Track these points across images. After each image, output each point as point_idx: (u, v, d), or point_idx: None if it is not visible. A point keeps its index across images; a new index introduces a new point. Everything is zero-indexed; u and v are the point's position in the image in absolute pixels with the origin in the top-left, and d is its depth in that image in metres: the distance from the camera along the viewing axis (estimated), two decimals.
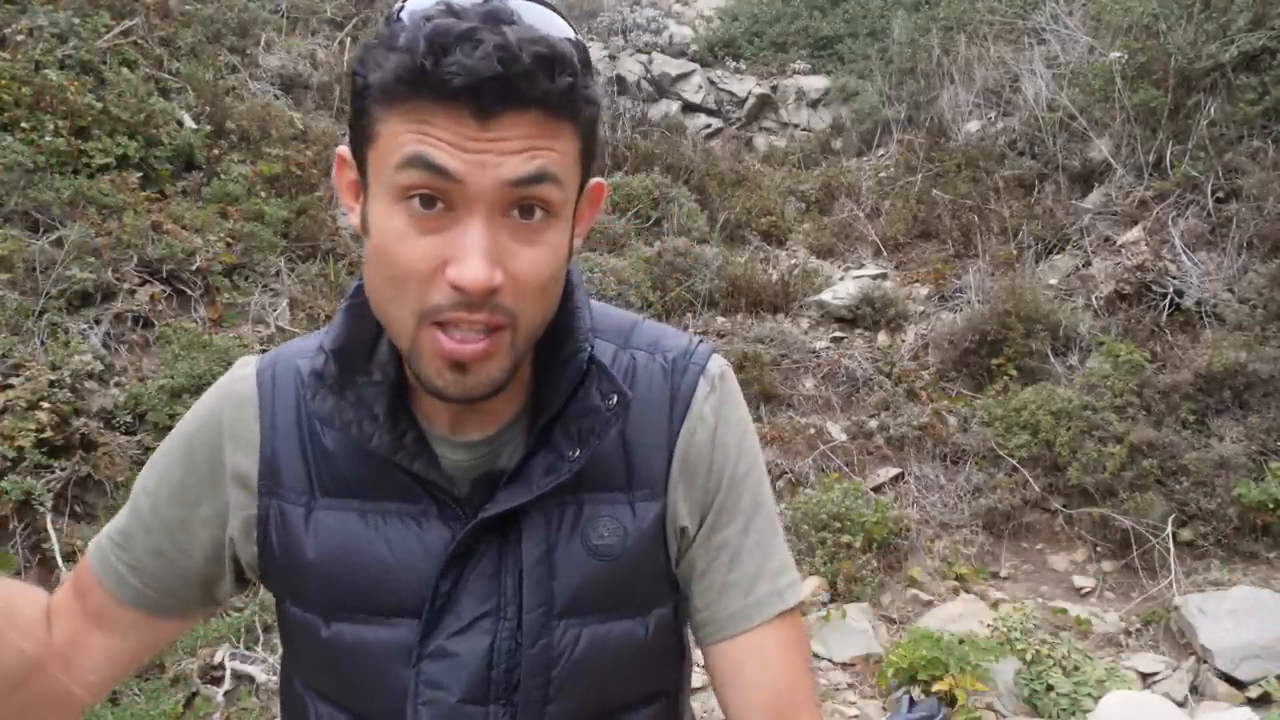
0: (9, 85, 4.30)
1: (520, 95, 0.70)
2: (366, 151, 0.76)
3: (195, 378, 3.73)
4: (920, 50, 7.70)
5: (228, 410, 0.88)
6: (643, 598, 0.91)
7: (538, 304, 0.77)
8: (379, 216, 0.75)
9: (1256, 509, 3.84)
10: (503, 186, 0.71)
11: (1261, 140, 5.20)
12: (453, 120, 0.70)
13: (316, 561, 0.85)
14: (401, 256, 0.73)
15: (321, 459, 0.86)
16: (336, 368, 0.82)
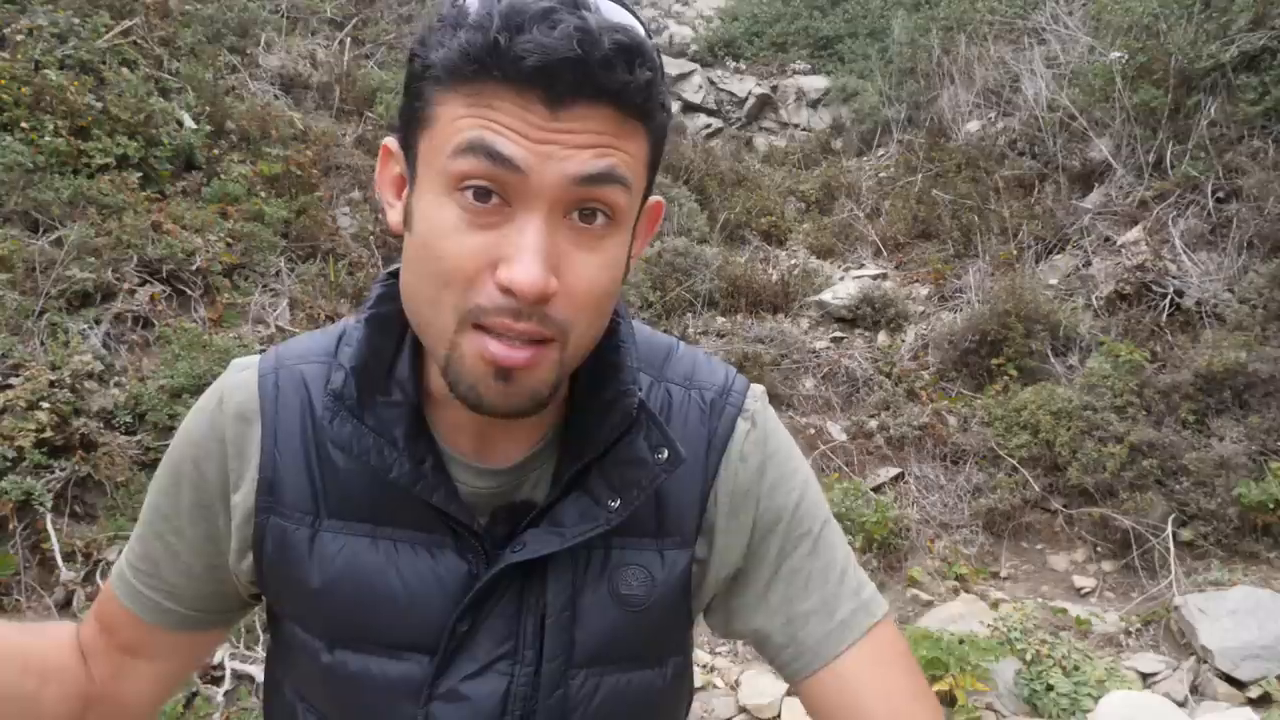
0: (9, 85, 4.30)
1: (596, 84, 0.64)
2: (418, 137, 0.70)
3: (195, 378, 3.73)
4: (920, 50, 7.70)
5: (229, 423, 0.82)
6: (663, 646, 0.87)
7: (591, 320, 0.71)
8: (427, 208, 0.69)
9: (1256, 509, 3.83)
10: (567, 183, 0.65)
11: (1261, 140, 5.20)
12: (520, 105, 0.64)
13: (321, 588, 0.79)
14: (448, 252, 0.67)
15: (329, 477, 0.80)
16: (356, 388, 0.76)
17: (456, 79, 0.66)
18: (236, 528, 0.82)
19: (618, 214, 0.69)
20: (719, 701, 3.25)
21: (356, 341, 0.78)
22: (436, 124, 0.67)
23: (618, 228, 0.70)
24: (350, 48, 6.58)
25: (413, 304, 0.73)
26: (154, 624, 0.86)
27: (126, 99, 4.65)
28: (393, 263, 0.83)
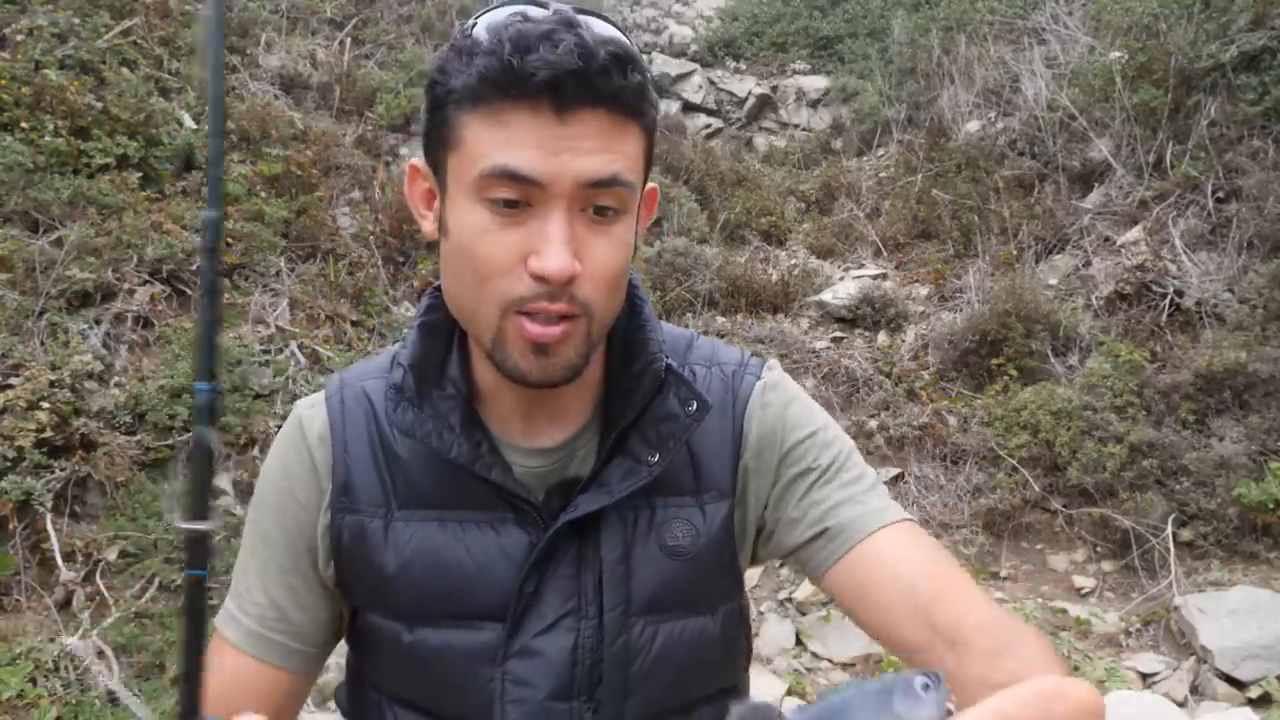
0: (9, 85, 4.30)
1: (596, 91, 0.74)
2: (446, 157, 0.80)
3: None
4: (920, 50, 7.70)
5: (315, 447, 0.91)
6: (713, 595, 0.94)
7: (609, 296, 0.81)
8: (461, 216, 0.79)
9: (1256, 509, 3.83)
10: (580, 186, 0.75)
11: (1261, 140, 5.20)
12: (533, 117, 0.74)
13: (397, 572, 0.88)
14: (485, 251, 0.77)
15: (397, 473, 0.89)
16: (414, 381, 0.86)
17: (477, 101, 0.75)
18: (321, 536, 0.91)
19: (624, 206, 0.80)
20: None
21: (411, 344, 0.89)
22: (464, 146, 0.77)
23: (624, 216, 0.80)
24: (350, 48, 6.58)
25: (456, 300, 0.83)
26: (288, 669, 0.93)
27: (126, 99, 4.65)
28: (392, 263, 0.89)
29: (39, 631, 3.06)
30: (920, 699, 0.41)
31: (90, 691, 2.91)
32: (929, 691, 0.41)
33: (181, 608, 0.77)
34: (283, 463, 0.93)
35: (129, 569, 3.32)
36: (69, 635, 3.04)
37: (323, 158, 5.38)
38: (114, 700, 2.92)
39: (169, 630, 3.17)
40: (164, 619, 3.22)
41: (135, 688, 2.97)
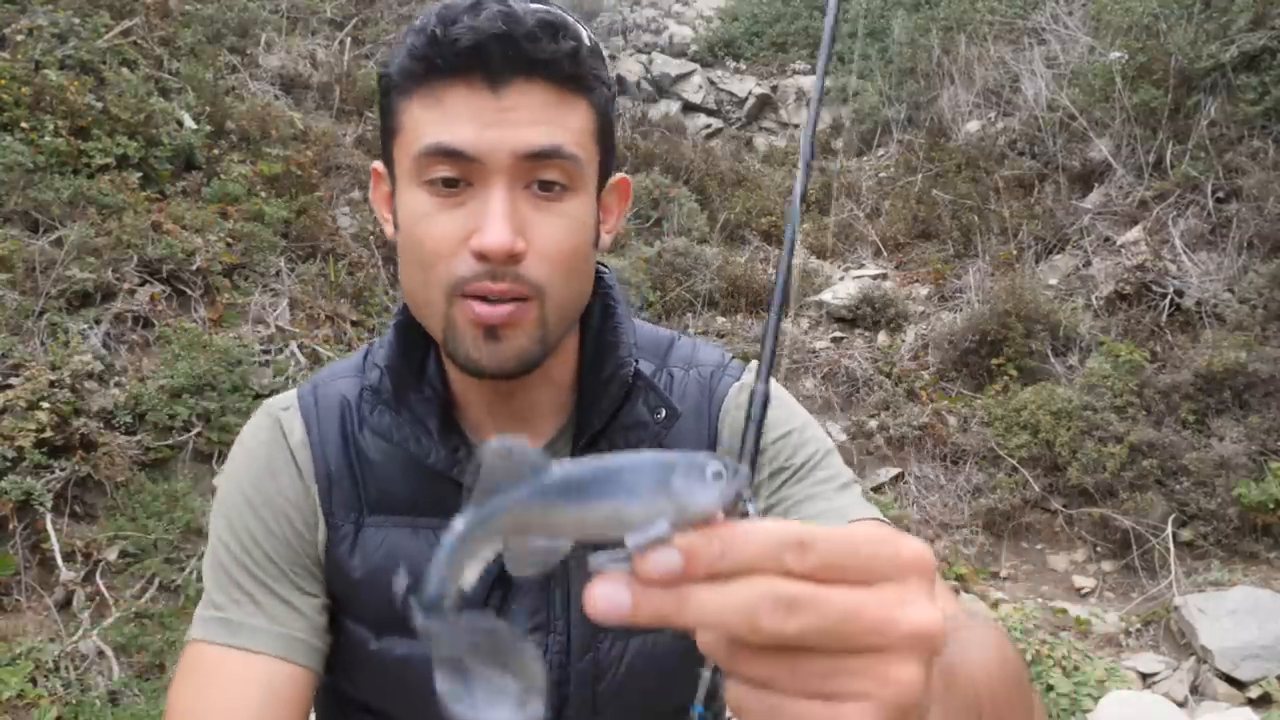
0: (9, 85, 4.30)
1: (527, 58, 0.72)
2: (393, 147, 0.79)
3: (195, 378, 3.73)
4: (920, 50, 7.69)
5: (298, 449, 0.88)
6: None
7: (563, 277, 0.77)
8: (405, 203, 0.77)
9: (1256, 509, 3.83)
10: (518, 159, 0.73)
11: (1261, 140, 5.20)
12: (466, 90, 0.72)
13: (363, 578, 0.85)
14: (427, 235, 0.75)
15: (370, 477, 0.86)
16: (391, 383, 0.84)
17: (411, 81, 0.75)
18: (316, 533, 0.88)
19: (573, 181, 0.76)
20: None
21: (387, 344, 0.87)
22: (404, 131, 0.76)
23: (575, 193, 0.77)
24: (350, 48, 6.58)
25: (410, 294, 0.81)
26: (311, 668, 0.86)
27: (126, 99, 4.64)
28: (392, 263, 0.88)
29: (39, 631, 3.06)
30: (704, 484, 0.36)
31: (90, 691, 2.91)
32: (718, 480, 0.36)
33: None
34: (264, 461, 0.88)
35: (129, 569, 3.32)
36: (70, 635, 3.04)
37: (323, 158, 5.38)
38: (114, 700, 2.92)
39: (169, 630, 3.17)
40: (164, 619, 3.22)
41: (135, 688, 2.97)
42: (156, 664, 3.07)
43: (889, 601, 0.36)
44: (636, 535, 0.36)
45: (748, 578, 0.35)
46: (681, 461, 0.37)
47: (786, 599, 0.35)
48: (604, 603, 0.36)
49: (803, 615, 0.35)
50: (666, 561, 0.35)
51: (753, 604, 0.35)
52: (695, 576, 0.35)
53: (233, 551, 0.87)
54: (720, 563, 0.35)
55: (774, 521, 0.36)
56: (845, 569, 0.36)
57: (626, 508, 0.36)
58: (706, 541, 0.36)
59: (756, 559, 0.36)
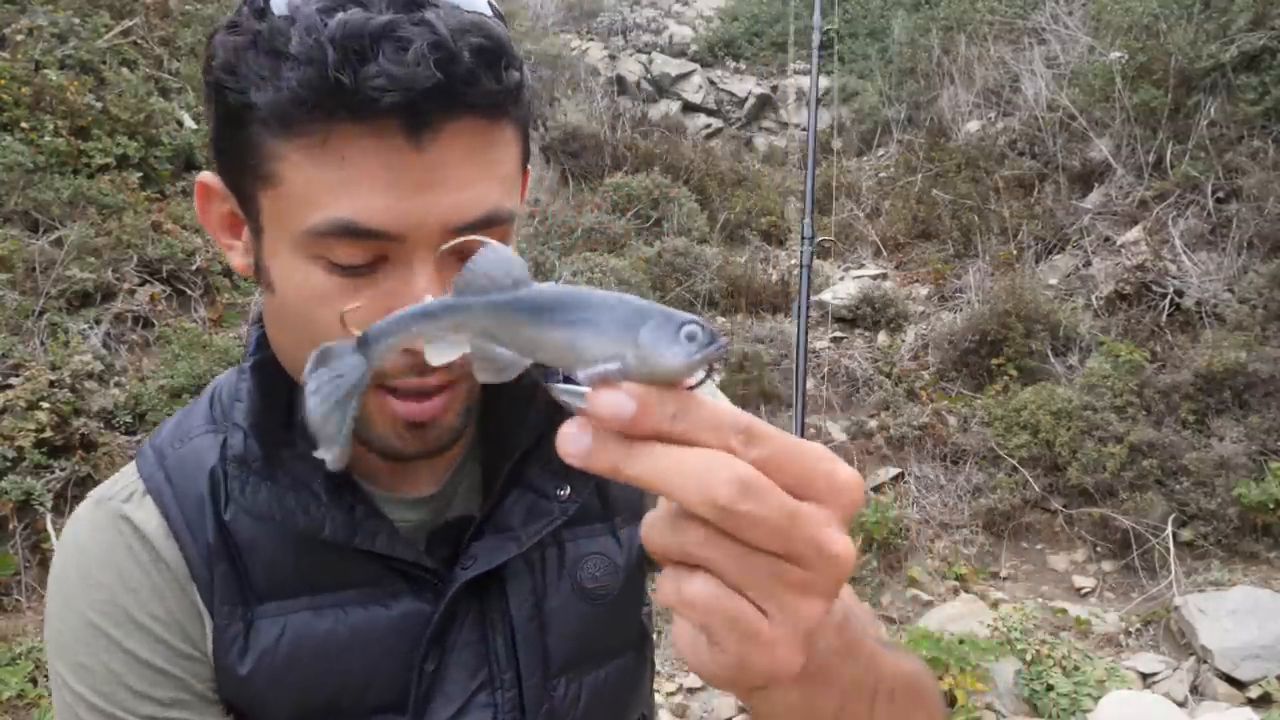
0: (9, 85, 4.30)
1: (464, 103, 0.56)
2: (259, 193, 0.60)
3: (195, 378, 3.73)
4: (920, 50, 7.70)
5: (162, 544, 0.69)
6: (635, 630, 0.83)
7: None
8: (289, 274, 0.60)
9: (1256, 509, 3.83)
10: (449, 233, 0.58)
11: (1261, 140, 5.20)
12: (376, 145, 0.55)
13: (268, 679, 0.69)
14: (328, 320, 0.58)
15: (251, 559, 0.69)
16: (260, 446, 0.68)
17: (293, 128, 0.56)
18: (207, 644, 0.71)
19: (504, 239, 0.62)
20: (719, 702, 3.25)
21: (247, 395, 0.69)
22: (282, 184, 0.58)
23: (506, 242, 0.63)
24: None
25: (293, 364, 0.66)
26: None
27: (126, 99, 4.65)
28: None
29: (39, 631, 3.06)
30: (673, 341, 0.35)
31: None
32: (690, 343, 0.35)
33: None
34: (114, 576, 0.68)
35: None
36: None
37: None
38: None
39: None
40: None
41: None
42: None
43: (820, 520, 0.36)
44: (588, 370, 0.35)
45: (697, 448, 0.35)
46: (656, 313, 0.35)
47: (743, 478, 0.34)
48: (570, 442, 0.35)
49: (754, 501, 0.34)
50: (616, 404, 0.34)
51: (710, 473, 0.34)
52: (642, 429, 0.34)
53: (93, 703, 0.68)
54: (670, 424, 0.35)
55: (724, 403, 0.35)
56: (784, 472, 0.36)
57: (584, 340, 0.35)
58: (661, 399, 0.35)
59: (708, 432, 0.35)
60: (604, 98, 7.79)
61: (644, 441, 0.35)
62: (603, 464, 0.35)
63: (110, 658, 0.68)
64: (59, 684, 0.70)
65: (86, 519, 0.72)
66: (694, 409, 0.35)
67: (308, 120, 0.55)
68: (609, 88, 8.08)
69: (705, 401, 0.36)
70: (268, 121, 0.56)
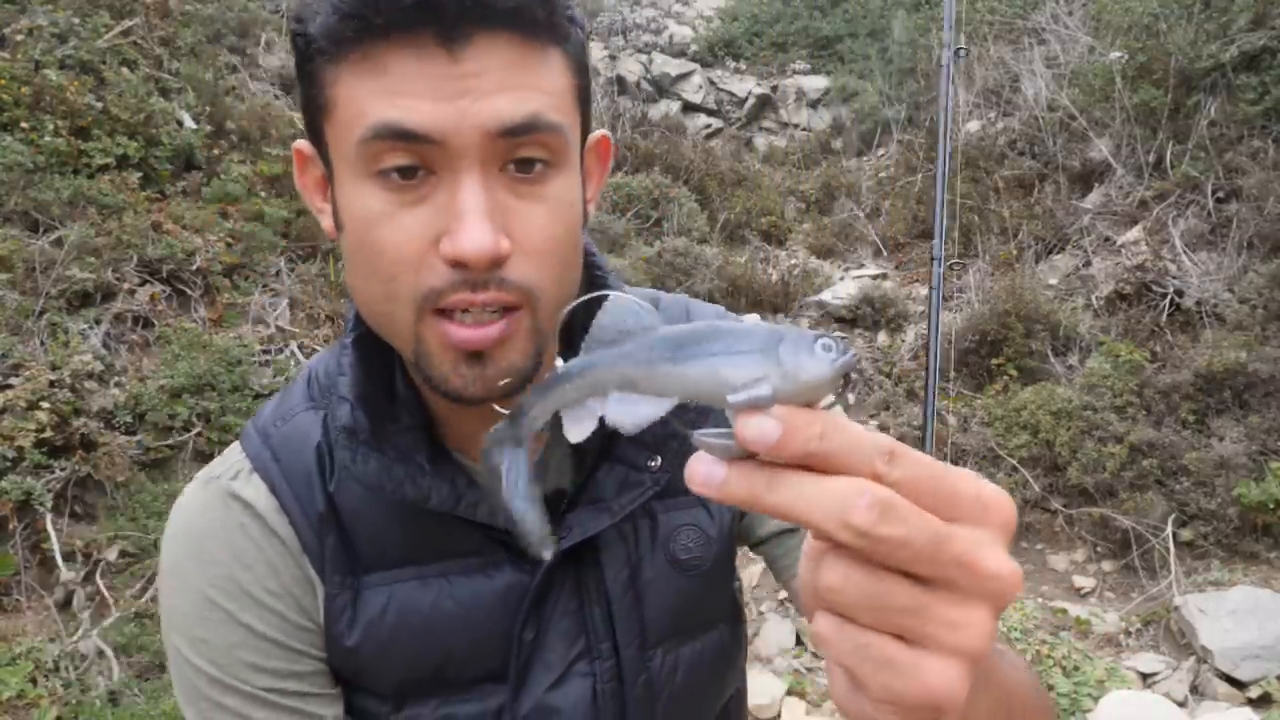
0: (9, 85, 4.30)
1: (488, 6, 0.57)
2: (324, 127, 0.63)
3: (195, 378, 3.73)
4: (920, 50, 7.69)
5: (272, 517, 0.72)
6: (728, 603, 0.84)
7: (556, 274, 0.64)
8: (350, 200, 0.62)
9: (1256, 509, 3.83)
10: (491, 137, 0.59)
11: (1261, 140, 5.20)
12: (415, 56, 0.57)
13: (375, 647, 0.71)
14: (385, 241, 0.60)
15: (358, 530, 0.72)
16: (367, 418, 0.69)
17: (342, 47, 0.58)
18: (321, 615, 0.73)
19: (556, 156, 0.62)
20: None
21: (350, 368, 0.71)
22: (337, 108, 0.60)
23: (559, 170, 0.63)
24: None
25: (367, 306, 0.66)
26: None
27: (126, 99, 4.65)
28: None
29: (39, 631, 3.06)
30: (812, 355, 0.36)
31: (90, 691, 2.91)
32: (826, 353, 0.36)
33: None
34: (228, 553, 0.71)
35: (129, 569, 3.32)
36: (70, 635, 3.04)
37: None
38: (114, 700, 2.92)
39: None
40: None
41: (135, 687, 2.97)
42: (156, 664, 3.07)
43: (970, 539, 0.35)
44: (738, 395, 0.35)
45: (839, 474, 0.34)
46: (790, 332, 0.37)
47: (883, 500, 0.33)
48: (700, 475, 0.35)
49: (896, 524, 0.33)
50: (763, 428, 0.34)
51: (848, 497, 0.33)
52: (789, 452, 0.34)
53: (212, 675, 0.70)
54: (816, 444, 0.34)
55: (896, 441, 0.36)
56: (928, 494, 0.35)
57: (729, 368, 0.36)
58: (807, 419, 0.34)
59: (851, 453, 0.35)
60: (604, 98, 7.80)
61: (783, 469, 0.35)
62: (740, 493, 0.35)
63: (228, 631, 0.70)
64: (178, 659, 0.72)
65: (195, 499, 0.74)
66: (838, 429, 0.35)
67: (353, 40, 0.58)
68: (609, 88, 8.08)
69: (847, 423, 0.36)
70: (323, 49, 0.60)
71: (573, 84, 0.64)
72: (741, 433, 0.34)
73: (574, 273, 0.68)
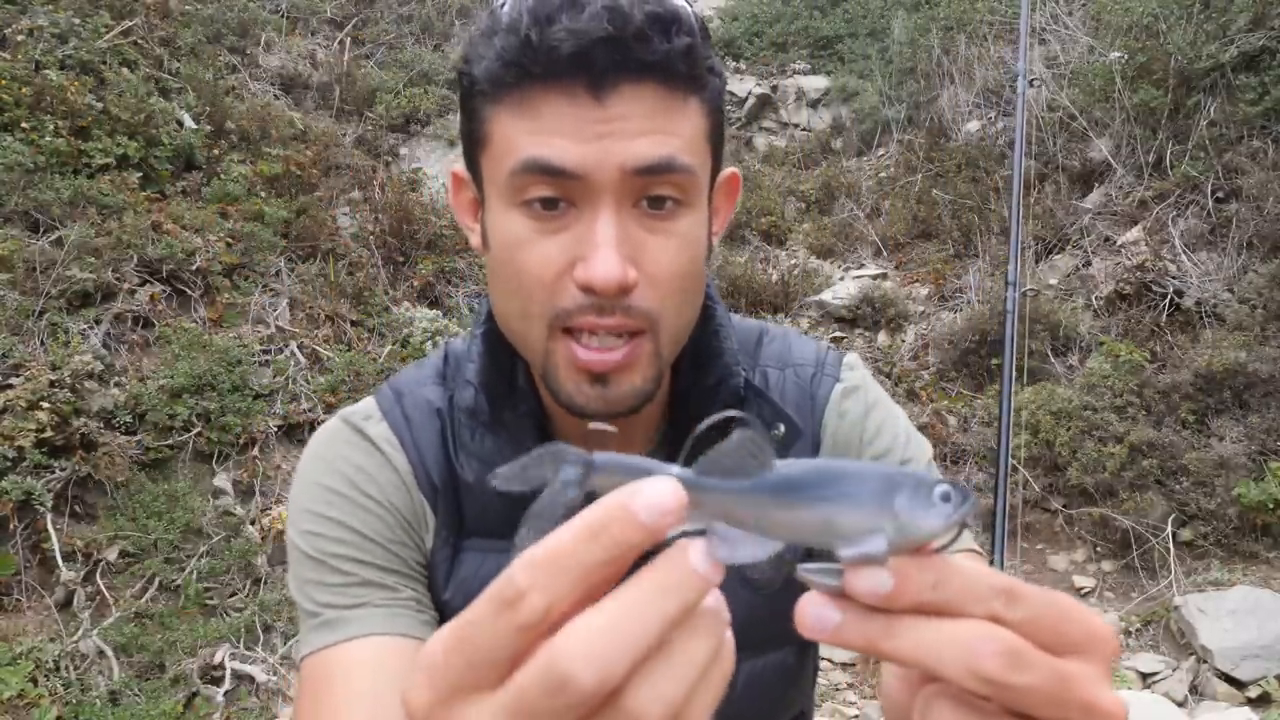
0: (9, 85, 4.30)
1: (636, 60, 0.63)
2: (480, 157, 0.70)
3: (195, 378, 3.73)
4: (920, 50, 7.69)
5: (394, 454, 0.80)
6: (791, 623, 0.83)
7: (678, 303, 0.69)
8: (498, 224, 0.69)
9: (1256, 509, 3.83)
10: (628, 175, 0.65)
11: (1261, 140, 5.20)
12: (566, 100, 0.64)
13: (460, 604, 0.68)
14: (526, 262, 0.67)
15: (467, 497, 0.79)
16: (487, 402, 0.77)
17: (501, 89, 0.66)
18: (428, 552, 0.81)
19: (687, 195, 0.68)
20: None
21: (478, 357, 0.79)
22: (493, 142, 0.68)
23: (689, 208, 0.69)
24: (350, 48, 6.58)
25: (504, 320, 0.74)
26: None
27: (126, 99, 4.65)
28: (391, 263, 0.82)
29: (39, 631, 3.06)
30: (931, 506, 0.34)
31: (90, 691, 2.91)
32: (945, 503, 0.34)
33: None
34: (356, 466, 0.80)
35: (129, 569, 3.32)
36: (70, 635, 3.04)
37: (323, 158, 5.38)
38: (114, 700, 2.92)
39: (169, 630, 3.17)
40: (164, 619, 3.22)
41: (135, 687, 2.97)
42: (156, 664, 3.07)
43: (1088, 678, 0.34)
44: (850, 548, 0.34)
45: (957, 618, 0.33)
46: (908, 479, 0.35)
47: (1011, 648, 0.32)
48: (812, 619, 0.35)
49: (1025, 671, 0.32)
50: (876, 581, 0.33)
51: (973, 644, 0.33)
52: (902, 604, 0.33)
53: (331, 549, 0.78)
54: (930, 594, 0.33)
55: (977, 563, 0.35)
56: (1048, 632, 0.34)
57: (842, 517, 0.34)
58: (920, 569, 0.34)
59: (968, 599, 0.34)
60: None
61: (901, 615, 0.34)
62: (855, 639, 0.34)
63: (354, 516, 0.78)
64: (300, 544, 0.79)
65: (326, 431, 0.83)
66: (953, 577, 0.34)
67: (512, 83, 0.65)
68: None
69: (963, 568, 0.35)
70: (485, 90, 0.67)
71: (707, 128, 0.70)
72: (853, 586, 0.34)
73: (695, 302, 0.73)
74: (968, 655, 0.33)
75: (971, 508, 0.35)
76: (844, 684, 3.40)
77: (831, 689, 3.36)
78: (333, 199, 5.28)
